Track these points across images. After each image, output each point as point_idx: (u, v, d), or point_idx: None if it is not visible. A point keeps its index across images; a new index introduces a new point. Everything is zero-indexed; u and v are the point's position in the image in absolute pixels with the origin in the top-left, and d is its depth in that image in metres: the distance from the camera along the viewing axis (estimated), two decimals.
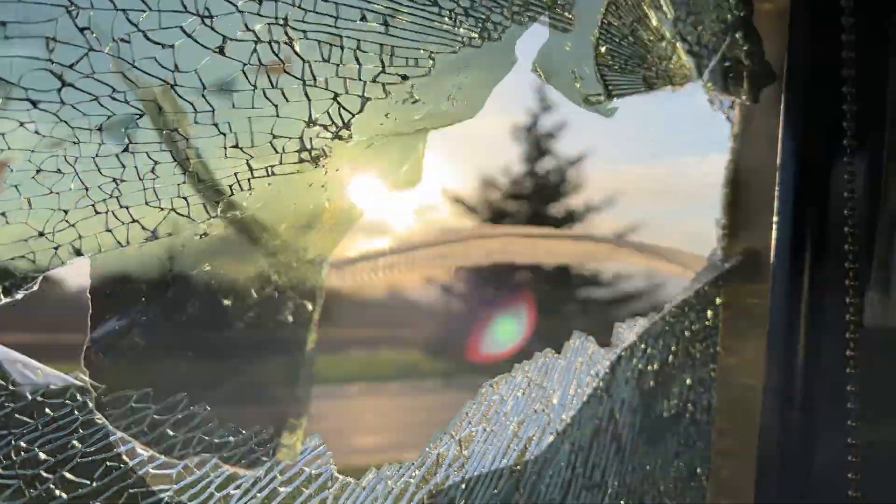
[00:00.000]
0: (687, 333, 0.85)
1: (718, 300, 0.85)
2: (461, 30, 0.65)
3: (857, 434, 0.68)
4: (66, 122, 0.50)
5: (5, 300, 0.49)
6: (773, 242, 0.74)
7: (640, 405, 0.82)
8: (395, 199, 0.67)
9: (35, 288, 0.50)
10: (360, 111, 0.61)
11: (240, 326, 0.61)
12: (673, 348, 0.84)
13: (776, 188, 0.74)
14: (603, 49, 0.75)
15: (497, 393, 0.72)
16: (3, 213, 0.49)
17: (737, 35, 0.82)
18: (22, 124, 0.48)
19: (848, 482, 0.69)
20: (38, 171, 0.50)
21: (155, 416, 0.55)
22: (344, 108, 0.60)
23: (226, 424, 0.58)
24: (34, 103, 0.48)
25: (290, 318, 0.60)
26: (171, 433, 0.56)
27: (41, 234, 0.50)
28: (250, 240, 0.61)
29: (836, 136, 0.70)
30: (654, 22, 0.80)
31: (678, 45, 0.81)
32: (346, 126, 0.60)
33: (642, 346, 0.82)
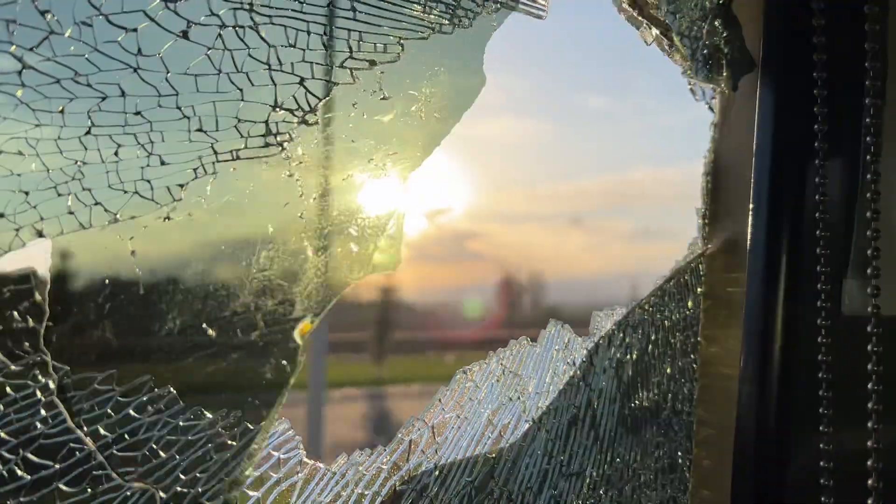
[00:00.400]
0: (667, 323, 0.85)
1: (699, 289, 0.85)
2: (431, 16, 0.65)
3: (829, 423, 0.68)
4: (26, 105, 0.50)
5: None
6: (749, 230, 0.74)
7: (618, 395, 0.82)
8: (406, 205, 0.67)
9: None
10: (327, 95, 0.61)
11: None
12: (653, 338, 0.84)
13: (752, 176, 0.74)
14: None
15: (471, 380, 0.72)
16: None
17: (716, 22, 0.82)
18: None
19: (822, 471, 0.69)
20: None
21: (119, 399, 0.55)
22: (310, 93, 0.60)
23: (191, 408, 0.58)
24: None
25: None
26: (135, 415, 0.56)
27: (2, 216, 0.50)
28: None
29: (809, 123, 0.70)
30: None
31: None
32: (313, 110, 0.60)
33: (620, 335, 0.81)
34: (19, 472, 0.52)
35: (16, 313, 0.50)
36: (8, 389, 0.51)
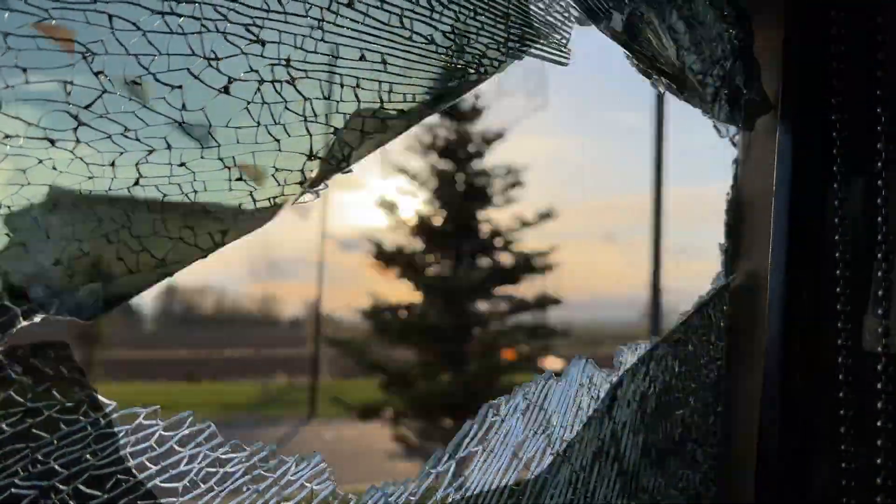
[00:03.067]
0: (690, 357, 0.86)
1: (722, 324, 0.86)
2: (458, 65, 0.68)
3: (851, 460, 0.69)
4: (81, 159, 0.54)
5: (24, 323, 0.53)
6: (770, 266, 0.76)
7: (643, 427, 0.83)
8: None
9: (52, 312, 0.54)
10: (360, 144, 0.64)
11: None
12: (676, 371, 0.86)
13: (772, 214, 0.76)
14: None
15: (497, 414, 0.75)
16: (24, 243, 0.53)
17: (737, 63, 0.84)
18: (41, 161, 0.53)
19: None
20: (55, 205, 0.54)
21: (163, 433, 0.59)
22: (344, 143, 0.63)
23: (230, 441, 0.61)
24: (52, 142, 0.53)
25: None
26: (177, 448, 0.59)
27: (58, 263, 0.54)
28: None
29: (828, 164, 0.72)
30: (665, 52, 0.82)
31: (687, 72, 0.83)
32: (346, 159, 0.63)
33: (644, 368, 0.83)
34: (71, 502, 0.55)
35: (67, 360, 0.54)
36: (61, 424, 0.55)
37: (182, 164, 0.58)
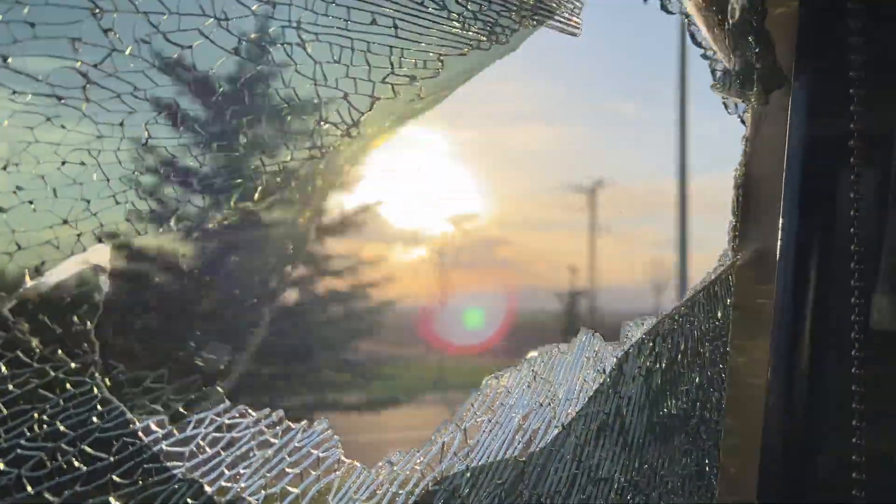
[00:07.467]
0: (696, 333, 0.86)
1: (728, 300, 0.86)
2: (470, 33, 0.67)
3: (861, 436, 0.69)
4: (89, 118, 0.53)
5: (33, 282, 0.53)
6: (780, 244, 0.75)
7: (647, 402, 0.83)
8: (430, 209, 0.71)
9: (59, 270, 0.53)
10: (370, 110, 0.63)
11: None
12: (682, 347, 0.85)
13: (783, 190, 0.75)
14: None
15: (502, 385, 0.74)
16: (31, 202, 0.52)
17: (749, 38, 0.83)
18: (48, 119, 0.52)
19: (850, 483, 0.70)
20: (63, 163, 0.53)
21: (170, 396, 0.58)
22: (353, 108, 0.63)
23: (236, 406, 0.61)
24: (60, 99, 0.52)
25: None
26: (184, 412, 0.59)
27: (65, 222, 0.53)
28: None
29: (841, 140, 0.71)
30: None
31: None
32: (356, 124, 0.63)
33: (650, 344, 0.83)
34: (76, 464, 0.55)
35: (75, 317, 0.53)
36: (68, 386, 0.54)
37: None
